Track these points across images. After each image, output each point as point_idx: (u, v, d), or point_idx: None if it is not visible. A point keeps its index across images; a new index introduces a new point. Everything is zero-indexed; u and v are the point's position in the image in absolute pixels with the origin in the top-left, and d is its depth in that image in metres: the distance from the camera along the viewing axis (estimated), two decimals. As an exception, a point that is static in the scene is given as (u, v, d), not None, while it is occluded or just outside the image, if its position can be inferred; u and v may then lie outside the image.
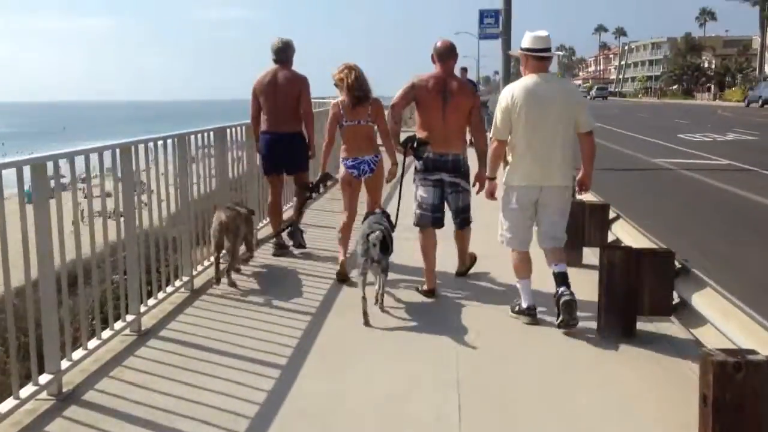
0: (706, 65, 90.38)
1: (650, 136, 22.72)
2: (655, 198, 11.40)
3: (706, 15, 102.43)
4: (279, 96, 6.47)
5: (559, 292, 4.50)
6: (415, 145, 5.36)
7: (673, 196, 11.55)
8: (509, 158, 4.73)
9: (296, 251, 6.68)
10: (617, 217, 5.93)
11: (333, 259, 6.09)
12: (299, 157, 6.63)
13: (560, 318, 4.50)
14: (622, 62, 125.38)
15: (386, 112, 5.80)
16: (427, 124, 5.38)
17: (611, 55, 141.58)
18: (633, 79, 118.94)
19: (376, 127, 5.83)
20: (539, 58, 4.59)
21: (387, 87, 6.72)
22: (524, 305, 4.72)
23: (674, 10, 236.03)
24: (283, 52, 6.56)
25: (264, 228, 7.38)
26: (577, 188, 4.91)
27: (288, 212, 7.53)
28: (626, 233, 5.49)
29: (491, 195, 4.93)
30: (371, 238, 4.75)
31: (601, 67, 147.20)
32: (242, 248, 6.10)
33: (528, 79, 4.60)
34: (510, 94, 4.59)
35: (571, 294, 4.48)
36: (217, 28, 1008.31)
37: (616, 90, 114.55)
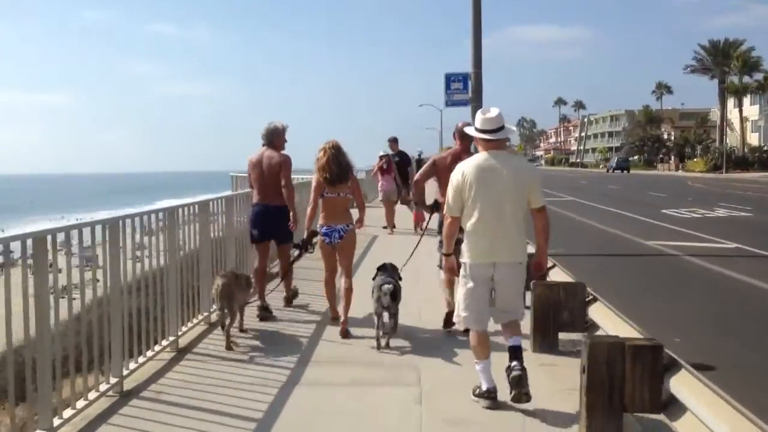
0: (665, 136, 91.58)
1: (632, 212, 20.98)
2: (672, 296, 9.19)
3: (663, 88, 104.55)
4: (266, 173, 7.33)
5: (511, 366, 4.61)
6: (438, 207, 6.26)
7: (694, 295, 9.32)
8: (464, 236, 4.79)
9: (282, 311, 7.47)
10: (594, 300, 5.84)
11: (312, 320, 7.13)
12: (286, 227, 7.34)
13: (512, 393, 4.60)
14: (582, 134, 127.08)
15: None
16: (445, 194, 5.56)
17: (571, 127, 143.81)
18: (593, 150, 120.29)
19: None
20: (490, 139, 4.70)
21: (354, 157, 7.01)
22: (484, 388, 4.70)
23: (631, 84, 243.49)
24: (269, 136, 7.45)
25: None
26: (533, 271, 5.03)
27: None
28: (605, 317, 5.43)
29: (450, 271, 5.14)
30: (383, 289, 5.97)
31: (562, 138, 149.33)
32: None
33: (480, 157, 4.70)
34: (461, 171, 4.67)
35: (522, 369, 4.58)
36: (180, 103, 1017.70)
37: (578, 161, 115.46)
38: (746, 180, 44.56)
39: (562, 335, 6.06)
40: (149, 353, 5.56)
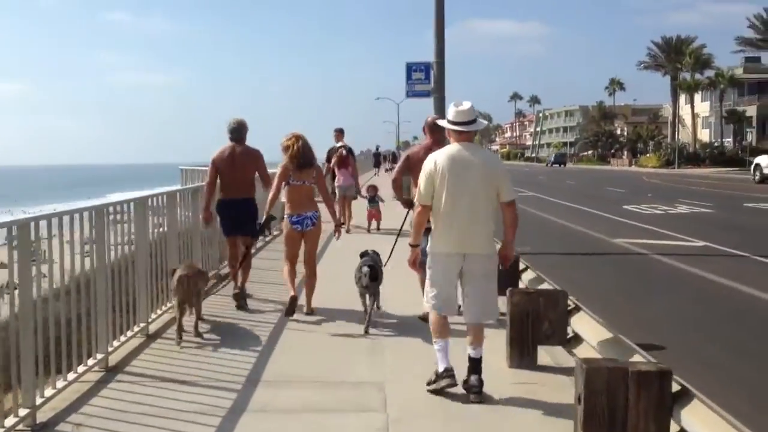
0: (618, 132, 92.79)
1: (594, 207, 20.65)
2: (643, 298, 8.80)
3: (616, 85, 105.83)
4: (237, 168, 7.43)
5: (470, 381, 4.62)
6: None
7: (668, 296, 8.89)
8: (432, 225, 4.79)
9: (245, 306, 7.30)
10: (576, 309, 5.43)
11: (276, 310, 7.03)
12: (252, 219, 7.50)
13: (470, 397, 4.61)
14: (538, 129, 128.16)
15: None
16: None
17: (527, 122, 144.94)
18: (548, 144, 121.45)
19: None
20: (462, 131, 4.74)
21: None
22: (441, 368, 4.65)
23: (585, 81, 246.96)
24: (237, 132, 7.54)
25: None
26: (500, 263, 4.88)
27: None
28: (590, 330, 5.01)
29: (413, 263, 5.03)
30: (363, 270, 6.36)
31: (517, 133, 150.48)
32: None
33: (452, 148, 4.76)
34: (434, 160, 4.70)
35: (480, 384, 4.58)
36: (138, 93, 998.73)
37: (533, 155, 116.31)
38: (699, 176, 45.12)
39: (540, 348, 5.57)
40: (70, 375, 4.78)
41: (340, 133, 14.39)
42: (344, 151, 13.77)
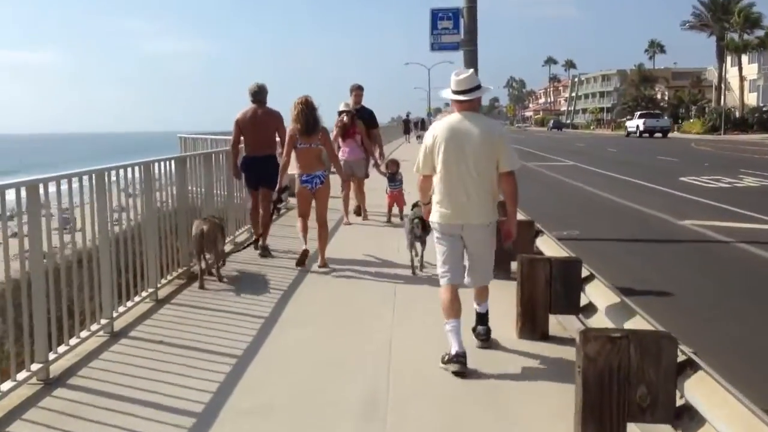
0: (659, 96, 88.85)
1: (645, 179, 18.20)
2: (750, 310, 6.56)
3: (656, 47, 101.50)
4: (259, 129, 8.03)
5: (477, 329, 4.97)
6: None
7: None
8: (433, 195, 4.80)
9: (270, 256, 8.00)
10: (591, 277, 5.03)
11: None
12: (273, 174, 7.78)
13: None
14: (573, 94, 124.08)
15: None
16: None
17: (561, 87, 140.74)
18: (584, 110, 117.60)
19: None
20: (462, 100, 4.68)
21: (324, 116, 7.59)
22: (453, 352, 4.54)
23: (623, 43, 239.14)
24: (259, 94, 8.15)
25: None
26: (503, 239, 4.85)
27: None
28: (602, 298, 4.67)
29: (428, 216, 4.96)
30: (414, 222, 6.82)
31: (552, 99, 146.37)
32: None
33: (452, 117, 4.72)
34: (433, 131, 4.73)
35: (487, 332, 4.95)
36: (170, 61, 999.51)
37: (568, 121, 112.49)
38: (752, 142, 41.92)
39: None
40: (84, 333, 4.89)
41: (358, 91, 11.15)
42: (345, 118, 10.40)
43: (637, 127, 58.61)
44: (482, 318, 4.95)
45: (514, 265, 5.98)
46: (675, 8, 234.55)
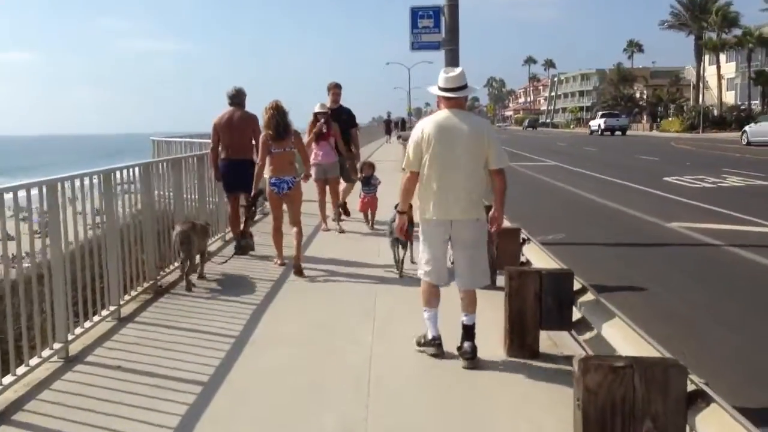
0: (638, 95, 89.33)
1: (629, 180, 17.93)
2: (742, 319, 6.30)
3: (634, 47, 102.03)
4: (234, 132, 8.07)
5: (463, 347, 4.63)
6: None
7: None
8: (419, 193, 4.79)
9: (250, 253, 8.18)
10: (583, 290, 4.73)
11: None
12: (249, 178, 7.74)
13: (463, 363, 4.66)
14: (552, 93, 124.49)
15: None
16: None
17: (541, 87, 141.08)
18: (564, 109, 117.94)
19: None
20: (451, 97, 4.68)
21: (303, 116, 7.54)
22: (429, 336, 4.77)
23: (600, 44, 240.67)
24: (236, 97, 8.21)
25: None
26: (489, 226, 4.84)
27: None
28: (597, 315, 4.34)
29: (400, 230, 5.25)
30: (392, 225, 6.39)
31: (531, 98, 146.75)
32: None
33: (440, 114, 4.71)
34: (421, 128, 4.70)
35: (474, 349, 4.61)
36: (142, 60, 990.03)
37: (548, 120, 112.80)
38: (730, 140, 42.01)
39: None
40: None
41: (336, 89, 10.51)
42: (322, 124, 9.76)
43: (599, 125, 63.18)
44: (469, 332, 4.66)
45: (499, 276, 5.74)
46: (653, 8, 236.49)
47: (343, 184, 10.76)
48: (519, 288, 4.72)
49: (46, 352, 4.56)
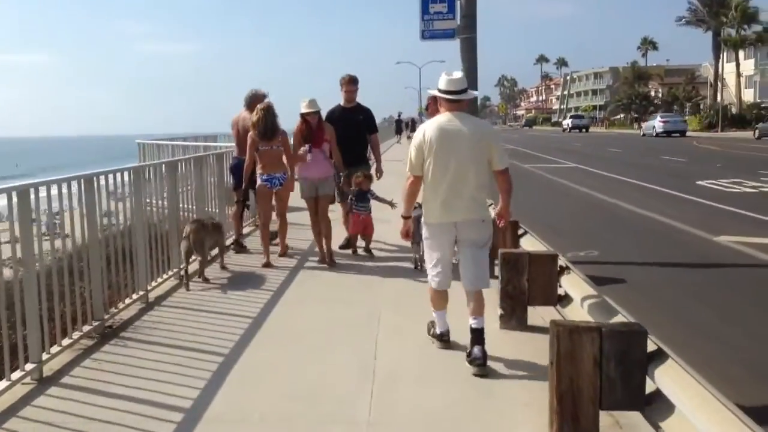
0: (653, 94, 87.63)
1: (659, 183, 16.51)
2: None
3: (648, 44, 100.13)
4: (241, 132, 8.29)
5: (473, 353, 4.51)
6: None
7: None
8: (423, 196, 4.80)
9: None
10: (566, 269, 5.13)
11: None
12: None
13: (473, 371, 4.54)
14: (565, 92, 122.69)
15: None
16: None
17: (553, 86, 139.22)
18: (576, 108, 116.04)
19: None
20: (453, 100, 4.69)
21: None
22: (438, 331, 4.95)
23: (613, 42, 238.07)
24: (248, 101, 8.40)
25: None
26: (497, 221, 4.90)
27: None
28: (576, 289, 4.81)
29: (405, 235, 5.09)
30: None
31: (543, 97, 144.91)
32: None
33: (441, 117, 4.70)
34: (423, 131, 4.70)
35: (484, 357, 4.49)
36: (160, 62, 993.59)
37: (560, 120, 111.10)
38: (752, 139, 40.35)
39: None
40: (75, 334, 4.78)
41: (349, 87, 8.30)
42: (310, 120, 7.59)
43: (568, 124, 74.88)
44: (478, 336, 4.54)
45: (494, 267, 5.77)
46: (667, 5, 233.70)
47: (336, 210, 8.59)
48: (571, 354, 3.35)
49: (16, 374, 4.17)
